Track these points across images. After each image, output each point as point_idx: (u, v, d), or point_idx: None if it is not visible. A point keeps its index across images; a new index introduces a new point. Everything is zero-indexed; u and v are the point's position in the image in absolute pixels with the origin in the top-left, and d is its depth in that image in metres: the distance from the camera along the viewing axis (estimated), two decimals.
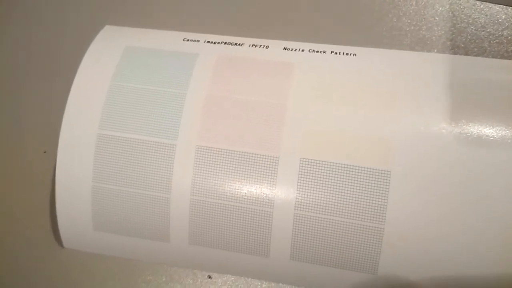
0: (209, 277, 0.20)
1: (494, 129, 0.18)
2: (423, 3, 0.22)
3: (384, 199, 0.18)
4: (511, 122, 0.18)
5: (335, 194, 0.18)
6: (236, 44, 0.21)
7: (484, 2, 0.22)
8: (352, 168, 0.18)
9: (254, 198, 0.18)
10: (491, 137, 0.18)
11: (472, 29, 0.21)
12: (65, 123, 0.19)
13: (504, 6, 0.22)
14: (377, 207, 0.18)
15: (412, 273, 0.18)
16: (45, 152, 0.22)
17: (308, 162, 0.18)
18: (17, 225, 0.22)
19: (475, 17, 0.22)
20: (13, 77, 0.24)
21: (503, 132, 0.18)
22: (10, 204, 0.22)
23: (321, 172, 0.18)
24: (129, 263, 0.20)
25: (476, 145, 0.18)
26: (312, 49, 0.20)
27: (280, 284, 0.20)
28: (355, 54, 0.20)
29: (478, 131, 0.18)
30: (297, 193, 0.18)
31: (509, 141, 0.18)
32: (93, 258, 0.21)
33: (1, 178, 0.22)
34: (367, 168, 0.18)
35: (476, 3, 0.22)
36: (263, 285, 0.20)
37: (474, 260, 0.17)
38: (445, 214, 0.17)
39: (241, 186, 0.18)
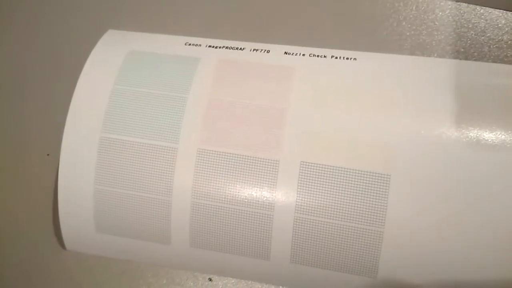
0: (210, 279, 0.20)
1: (494, 133, 0.18)
2: (423, 8, 0.22)
3: (384, 203, 0.18)
4: (510, 126, 0.18)
5: (335, 197, 0.18)
6: (237, 48, 0.21)
7: (484, 7, 0.22)
8: (352, 172, 0.18)
9: (254, 201, 0.18)
10: (491, 141, 0.18)
11: (472, 34, 0.21)
12: (68, 126, 0.20)
13: (504, 11, 0.22)
14: (377, 210, 0.18)
15: (412, 277, 0.18)
16: (48, 154, 0.22)
17: (308, 165, 0.18)
18: (19, 227, 0.22)
19: (475, 22, 0.22)
20: (17, 80, 0.24)
21: (503, 136, 0.18)
22: (13, 206, 0.22)
23: (321, 175, 0.18)
24: (130, 265, 0.21)
25: (476, 149, 0.18)
26: (313, 53, 0.20)
27: (280, 287, 0.20)
28: (355, 59, 0.20)
29: (478, 135, 0.18)
30: (297, 196, 0.18)
31: (508, 145, 0.18)
32: (94, 260, 0.21)
33: (4, 181, 0.23)
34: (367, 171, 0.18)
35: (476, 8, 0.22)
36: None
37: (474, 263, 0.17)
38: (445, 217, 0.17)
39: (241, 189, 0.18)
